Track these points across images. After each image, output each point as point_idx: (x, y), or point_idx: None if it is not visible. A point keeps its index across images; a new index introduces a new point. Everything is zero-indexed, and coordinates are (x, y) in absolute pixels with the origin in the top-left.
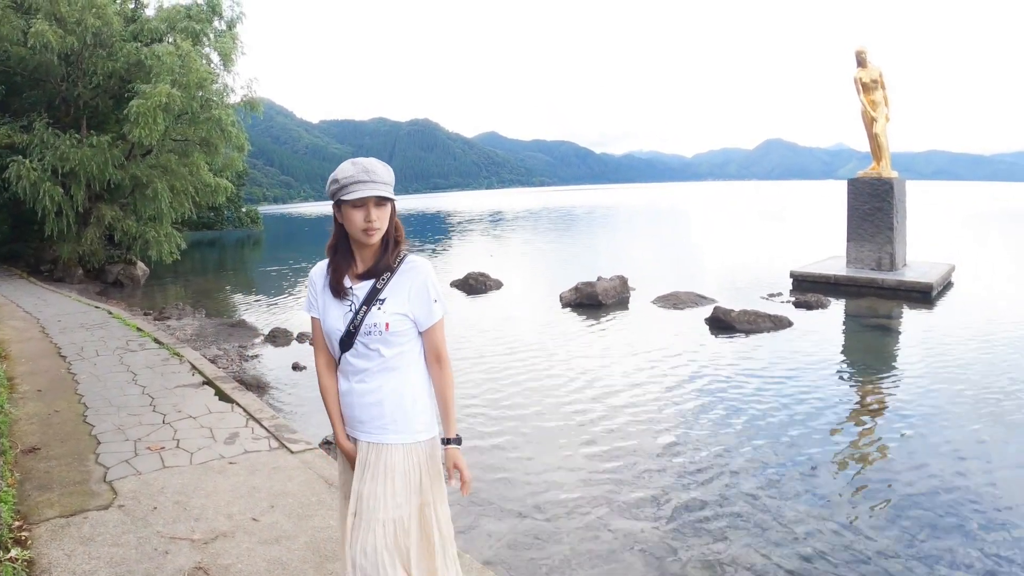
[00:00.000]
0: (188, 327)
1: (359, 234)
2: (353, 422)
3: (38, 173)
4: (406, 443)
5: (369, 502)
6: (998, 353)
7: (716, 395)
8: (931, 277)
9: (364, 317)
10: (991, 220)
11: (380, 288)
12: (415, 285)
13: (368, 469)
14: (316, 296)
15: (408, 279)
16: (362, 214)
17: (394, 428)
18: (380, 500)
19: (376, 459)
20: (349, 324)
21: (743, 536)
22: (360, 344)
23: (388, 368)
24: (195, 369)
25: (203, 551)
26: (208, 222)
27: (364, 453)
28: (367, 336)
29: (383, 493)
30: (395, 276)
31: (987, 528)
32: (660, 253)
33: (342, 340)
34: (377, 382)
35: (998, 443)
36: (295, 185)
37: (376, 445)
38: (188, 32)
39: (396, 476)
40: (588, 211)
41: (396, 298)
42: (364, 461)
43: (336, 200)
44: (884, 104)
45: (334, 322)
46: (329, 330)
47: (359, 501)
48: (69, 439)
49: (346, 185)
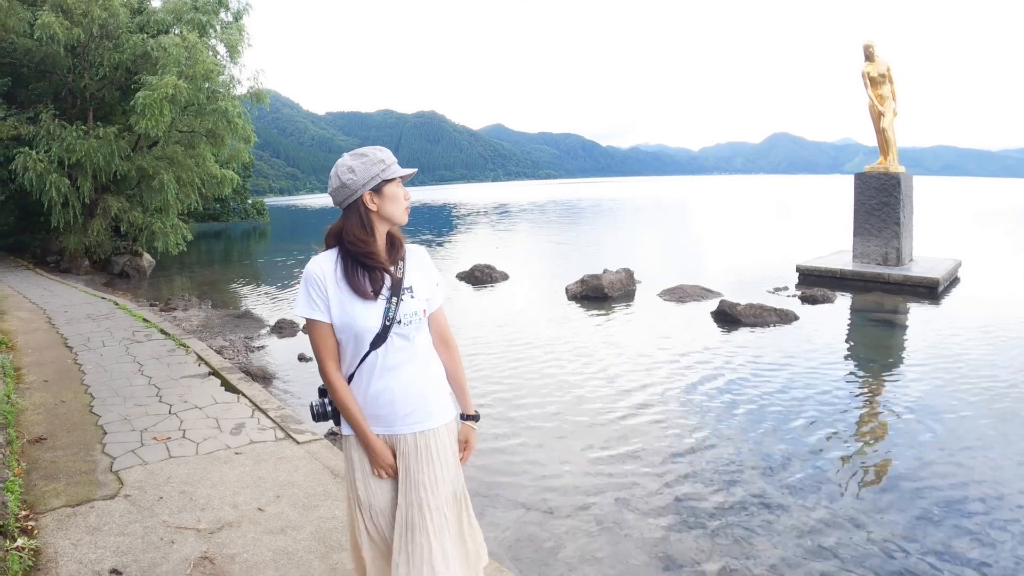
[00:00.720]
0: (194, 318)
1: (401, 213)
2: (391, 419)
3: (44, 164)
4: (448, 423)
5: (430, 486)
6: (1005, 349)
7: (721, 388)
8: (938, 272)
9: (399, 307)
10: (998, 216)
11: (402, 277)
12: (424, 269)
13: (420, 457)
14: (327, 296)
15: (416, 265)
16: (403, 191)
17: (440, 411)
18: (441, 482)
19: (426, 447)
20: (384, 318)
21: (748, 530)
22: (396, 336)
23: (418, 355)
24: (201, 360)
25: (209, 541)
26: (214, 213)
27: (411, 444)
28: (407, 327)
29: (441, 475)
30: (407, 263)
31: (995, 524)
32: (666, 246)
33: (376, 336)
34: (413, 372)
35: (1005, 439)
36: (301, 177)
37: (424, 433)
38: (194, 24)
39: (447, 456)
40: (594, 204)
41: (420, 284)
42: (413, 452)
43: (379, 182)
44: (892, 99)
45: (364, 320)
46: (359, 329)
47: (416, 489)
48: (75, 429)
49: (390, 164)
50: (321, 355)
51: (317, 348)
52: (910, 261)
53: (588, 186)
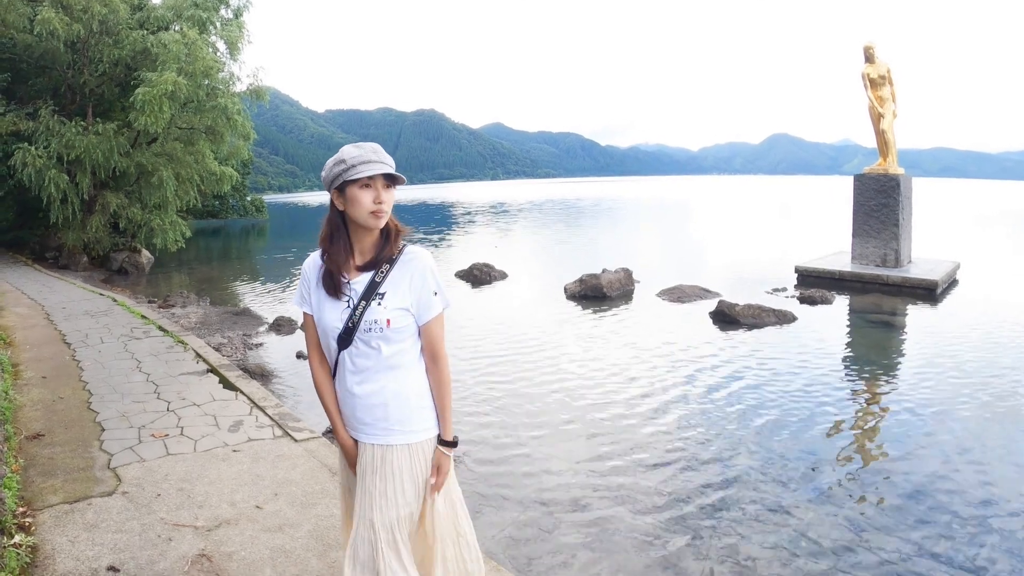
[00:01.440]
0: (192, 315)
1: (366, 218)
2: (355, 423)
3: (43, 160)
4: (411, 443)
5: (380, 503)
6: (1002, 352)
7: (719, 389)
8: (936, 274)
9: (363, 313)
10: (997, 219)
11: (379, 282)
12: (415, 276)
13: (375, 472)
14: (309, 290)
15: (408, 270)
16: (371, 195)
17: (400, 429)
18: (391, 501)
19: (382, 461)
20: (347, 321)
21: (744, 530)
22: (359, 342)
23: (389, 367)
24: (199, 357)
25: (207, 538)
26: (213, 210)
27: (368, 455)
28: (367, 333)
29: (392, 494)
30: (394, 268)
31: (992, 528)
32: (665, 246)
33: (340, 338)
34: (379, 383)
35: (1000, 441)
36: (300, 174)
37: (381, 447)
38: (195, 20)
39: (404, 477)
40: (593, 203)
41: (396, 292)
42: (370, 463)
43: (341, 183)
44: (891, 100)
45: (330, 319)
46: (326, 327)
47: (367, 501)
48: (73, 426)
49: (355, 165)
50: (308, 346)
51: (306, 339)
52: (909, 263)
53: (587, 185)
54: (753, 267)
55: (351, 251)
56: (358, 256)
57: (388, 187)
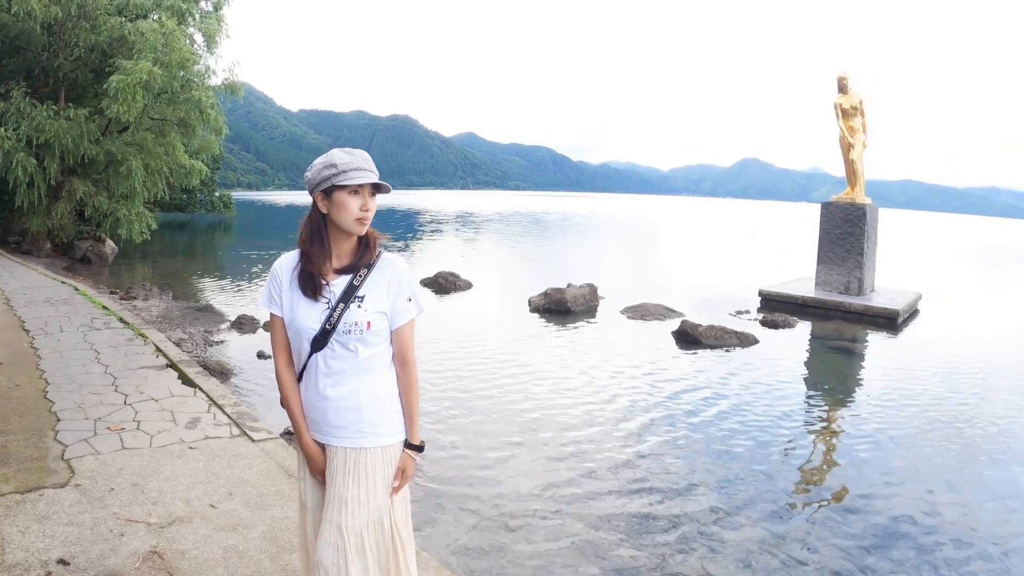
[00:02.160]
0: (154, 308)
1: (351, 223)
2: (324, 427)
3: (12, 143)
4: (384, 446)
5: (352, 506)
6: (959, 382)
7: (678, 407)
8: (898, 304)
9: (342, 315)
10: (960, 252)
11: (357, 285)
12: (391, 281)
13: (347, 474)
14: (280, 292)
15: (385, 275)
16: (359, 202)
17: (373, 432)
18: (363, 504)
19: (355, 464)
20: (325, 322)
21: (696, 547)
22: (336, 344)
23: (364, 370)
24: (159, 351)
25: (159, 535)
26: (180, 204)
27: (340, 459)
28: (346, 335)
29: (365, 497)
30: (372, 272)
31: (936, 550)
32: (631, 264)
33: (315, 340)
34: (353, 385)
35: (952, 469)
36: (270, 172)
37: (355, 450)
38: (174, 10)
39: (377, 480)
40: (562, 218)
41: (374, 295)
42: (341, 467)
43: (328, 187)
44: (862, 131)
45: (306, 320)
46: (300, 328)
47: (338, 506)
48: (28, 414)
49: (345, 171)
50: (274, 348)
51: (272, 341)
52: (871, 291)
53: (557, 200)
54: (717, 289)
55: (330, 255)
56: (335, 260)
57: (374, 195)
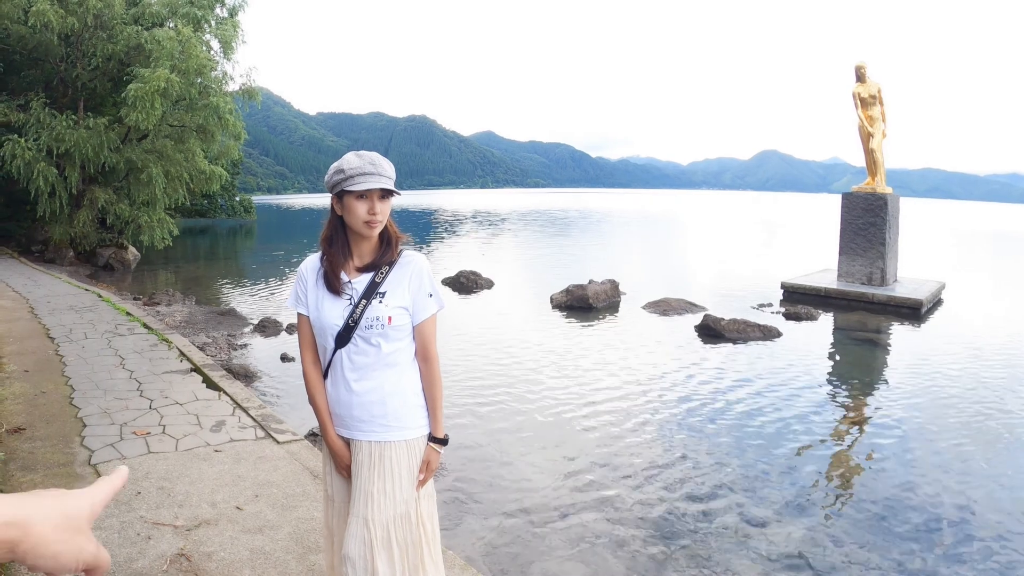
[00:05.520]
0: (177, 313)
1: (360, 226)
2: (350, 421)
3: (33, 153)
4: (409, 439)
5: (378, 499)
6: (985, 372)
7: (703, 402)
8: (921, 294)
9: (364, 311)
10: (983, 240)
11: (379, 282)
12: (412, 277)
13: (372, 468)
14: (306, 291)
15: (406, 272)
16: (366, 206)
17: (398, 426)
18: (388, 497)
19: (380, 458)
20: (348, 318)
21: (724, 543)
22: (359, 339)
23: (387, 364)
24: (183, 356)
25: (186, 537)
26: (201, 209)
27: (365, 453)
28: (368, 330)
29: (391, 490)
30: (393, 270)
31: (973, 545)
32: (653, 259)
33: (339, 335)
34: (377, 380)
35: (980, 460)
36: (290, 176)
37: (379, 444)
38: (189, 18)
39: (402, 473)
40: (582, 214)
41: (396, 291)
42: (367, 460)
43: (339, 191)
44: (881, 120)
45: (330, 317)
46: (325, 325)
47: (363, 499)
48: (55, 420)
49: (352, 176)
50: (301, 346)
51: (299, 339)
52: (894, 282)
53: (577, 196)
54: (739, 282)
55: (350, 254)
56: (357, 259)
57: (384, 198)
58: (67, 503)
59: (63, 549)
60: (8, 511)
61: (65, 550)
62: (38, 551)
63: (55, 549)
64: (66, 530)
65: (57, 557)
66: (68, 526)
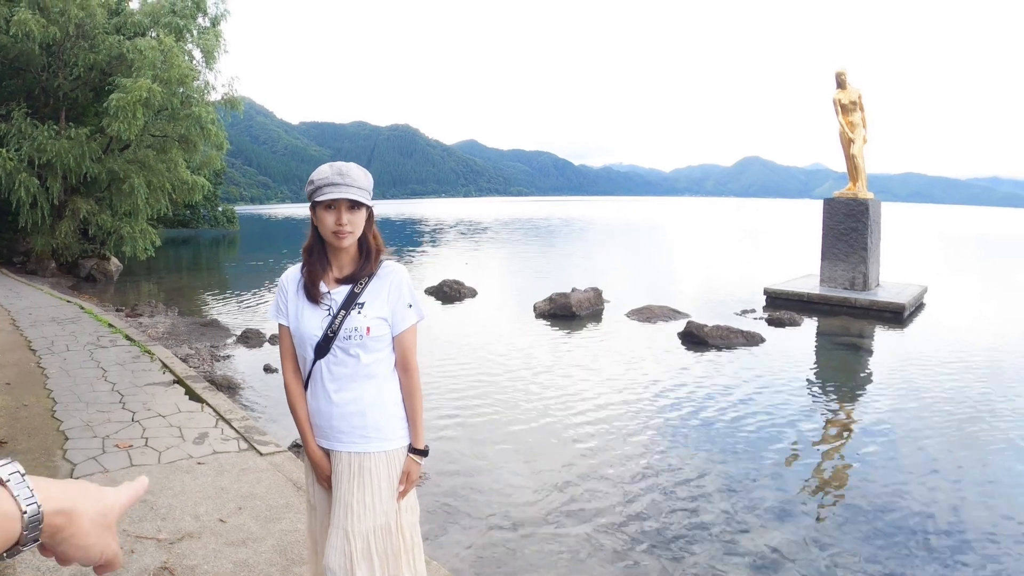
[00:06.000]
0: (160, 325)
1: (330, 236)
2: (329, 432)
3: (14, 163)
4: (388, 451)
5: (358, 511)
6: (967, 375)
7: (686, 409)
8: (903, 298)
9: (343, 321)
10: (964, 244)
11: (358, 292)
12: (391, 288)
13: (352, 479)
14: (287, 302)
15: (385, 283)
16: (333, 216)
17: (377, 436)
18: (368, 509)
19: (360, 469)
20: (327, 329)
21: (708, 549)
22: (338, 350)
23: (366, 375)
24: (166, 367)
25: (169, 551)
26: (184, 220)
27: (344, 463)
28: (346, 341)
29: (371, 502)
30: (373, 281)
31: (952, 546)
32: (636, 266)
33: (318, 346)
34: (356, 391)
35: (964, 463)
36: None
37: (359, 455)
38: (172, 27)
39: (382, 484)
40: (565, 222)
41: (375, 302)
42: (346, 472)
43: (311, 202)
44: (862, 125)
45: (309, 327)
46: (304, 335)
47: (343, 511)
48: (37, 433)
49: (320, 187)
50: (282, 357)
51: (280, 350)
52: (876, 286)
53: (560, 204)
54: (722, 289)
55: (328, 265)
56: (336, 270)
57: (353, 209)
58: (105, 499)
59: (94, 543)
60: (62, 499)
61: (95, 543)
62: (74, 540)
63: (88, 541)
64: (99, 525)
65: (87, 549)
66: (102, 522)
